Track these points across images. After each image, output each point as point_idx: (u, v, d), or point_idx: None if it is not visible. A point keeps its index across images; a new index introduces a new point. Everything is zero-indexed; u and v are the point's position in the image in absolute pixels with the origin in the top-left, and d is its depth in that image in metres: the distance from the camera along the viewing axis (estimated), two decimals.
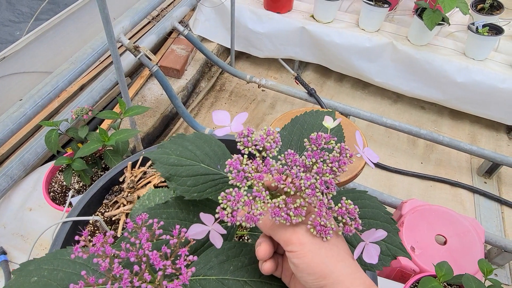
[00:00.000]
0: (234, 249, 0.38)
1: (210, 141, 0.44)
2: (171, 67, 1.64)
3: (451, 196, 1.49)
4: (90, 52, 1.19)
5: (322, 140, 0.36)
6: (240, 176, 0.33)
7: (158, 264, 0.30)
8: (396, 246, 0.42)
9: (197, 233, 0.33)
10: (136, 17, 1.34)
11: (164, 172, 0.41)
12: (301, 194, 0.34)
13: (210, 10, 1.82)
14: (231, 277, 0.36)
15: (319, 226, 0.33)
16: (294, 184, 0.33)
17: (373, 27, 1.69)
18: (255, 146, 0.36)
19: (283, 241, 0.34)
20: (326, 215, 0.33)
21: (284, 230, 0.34)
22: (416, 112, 1.82)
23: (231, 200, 0.32)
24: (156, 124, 1.52)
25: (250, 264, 0.38)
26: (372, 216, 0.44)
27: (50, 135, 0.90)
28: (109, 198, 0.73)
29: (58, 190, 0.97)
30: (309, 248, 0.33)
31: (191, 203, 0.41)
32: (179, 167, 0.41)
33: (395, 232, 0.43)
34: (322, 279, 0.32)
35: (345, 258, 0.33)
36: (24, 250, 1.03)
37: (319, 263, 0.32)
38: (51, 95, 1.08)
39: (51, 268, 0.37)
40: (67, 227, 0.66)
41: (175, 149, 0.42)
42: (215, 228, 0.33)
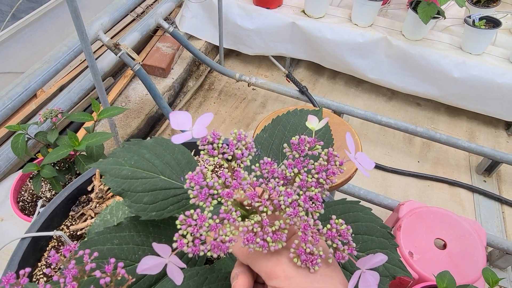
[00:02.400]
0: (196, 278, 0.31)
1: (172, 148, 0.37)
2: (156, 65, 1.57)
3: (449, 196, 1.43)
4: (65, 51, 1.12)
5: (305, 145, 0.29)
6: (203, 194, 0.27)
7: None
8: (395, 264, 0.36)
9: (151, 267, 0.26)
10: (117, 13, 1.27)
11: (115, 187, 0.34)
12: (281, 214, 0.27)
13: (197, 6, 1.75)
14: None
15: (304, 254, 0.26)
16: (271, 201, 0.27)
17: (366, 22, 1.63)
18: (222, 154, 0.29)
19: (265, 274, 0.28)
20: (313, 240, 0.27)
21: (266, 260, 0.28)
22: (412, 109, 1.76)
23: (192, 224, 0.26)
24: (140, 126, 1.45)
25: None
26: (367, 231, 0.38)
27: (17, 140, 0.83)
28: (76, 209, 0.66)
29: (28, 199, 0.90)
30: (297, 283, 0.27)
31: (150, 223, 0.35)
32: (133, 180, 0.34)
33: (393, 249, 0.37)
34: None
35: (337, 284, 0.28)
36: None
37: None
38: (23, 97, 1.01)
39: None
40: (25, 244, 0.59)
41: (129, 158, 0.35)
42: (173, 261, 0.26)
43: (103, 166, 0.35)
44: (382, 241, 0.37)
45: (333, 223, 0.28)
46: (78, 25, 0.83)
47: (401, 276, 0.36)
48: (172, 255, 0.27)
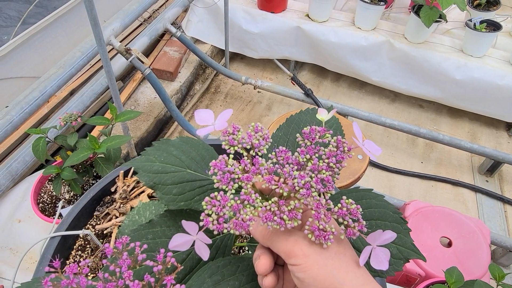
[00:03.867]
0: (229, 266, 0.34)
1: (197, 146, 0.40)
2: (164, 69, 1.60)
3: (453, 195, 1.46)
4: (79, 56, 1.15)
5: (316, 134, 0.32)
6: (226, 178, 0.30)
7: None
8: (408, 248, 0.39)
9: (180, 244, 0.29)
10: (127, 19, 1.30)
11: (147, 181, 0.37)
12: (296, 195, 0.30)
13: (203, 11, 1.78)
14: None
15: (317, 230, 0.29)
16: (287, 184, 0.30)
17: (369, 26, 1.66)
18: (241, 144, 0.32)
19: (284, 254, 0.31)
20: (325, 218, 0.29)
21: (285, 240, 0.31)
22: (415, 110, 1.79)
23: (217, 205, 0.29)
24: (149, 129, 1.48)
25: (248, 283, 0.34)
26: (379, 216, 0.40)
27: (38, 143, 0.86)
28: (100, 209, 0.68)
29: (48, 201, 0.92)
30: (314, 259, 0.29)
31: (179, 219, 0.38)
32: (163, 174, 0.38)
33: (406, 233, 0.39)
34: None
35: (355, 268, 0.30)
36: (14, 264, 0.99)
37: (327, 275, 0.29)
38: (39, 101, 1.04)
39: None
40: (56, 242, 0.62)
41: (159, 156, 0.39)
42: (200, 238, 0.29)
43: (137, 164, 0.38)
44: (395, 225, 0.39)
45: (344, 202, 0.30)
46: (96, 32, 0.86)
47: (414, 258, 0.38)
48: (200, 232, 0.29)
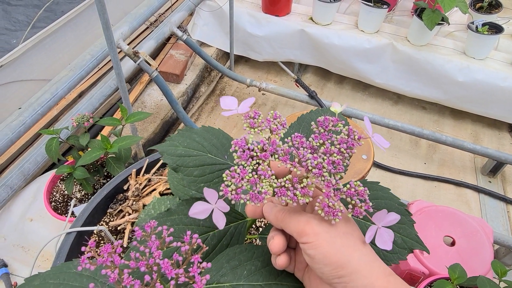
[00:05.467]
0: (245, 253, 0.37)
1: (218, 134, 0.43)
2: (170, 72, 1.63)
3: (456, 196, 1.48)
4: (89, 59, 1.18)
5: (329, 123, 0.35)
6: (245, 155, 0.32)
7: (170, 273, 0.29)
8: (412, 238, 0.41)
9: (200, 212, 0.32)
10: (135, 22, 1.33)
11: (171, 163, 0.40)
12: (308, 175, 0.32)
13: (208, 15, 1.81)
14: (246, 282, 0.35)
15: (327, 207, 0.31)
16: (301, 164, 0.32)
17: (372, 28, 1.68)
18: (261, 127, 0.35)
19: (297, 233, 0.33)
20: (334, 196, 0.31)
21: (297, 221, 0.33)
22: (418, 112, 1.81)
23: (236, 177, 0.31)
24: (156, 130, 1.50)
25: (264, 267, 0.37)
26: (386, 207, 0.42)
27: (51, 143, 0.88)
28: (114, 207, 0.71)
29: (60, 200, 0.95)
30: (324, 238, 0.31)
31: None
32: (186, 157, 0.40)
33: (411, 224, 0.41)
34: (340, 269, 0.31)
35: (362, 247, 0.32)
36: (25, 261, 1.01)
37: (336, 253, 0.31)
38: (51, 103, 1.06)
39: (57, 282, 0.36)
40: (71, 238, 0.64)
41: (183, 141, 0.42)
42: (218, 207, 0.32)
43: (162, 148, 0.41)
44: (400, 218, 0.41)
45: (352, 184, 0.33)
46: (107, 35, 0.89)
47: (418, 249, 0.40)
48: (218, 201, 0.32)
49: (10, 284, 0.90)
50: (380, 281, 0.30)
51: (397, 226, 0.39)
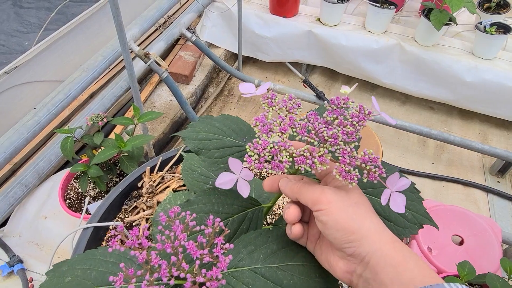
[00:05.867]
0: (261, 237, 0.39)
1: (237, 121, 0.46)
2: (179, 73, 1.65)
3: (464, 196, 1.48)
4: (101, 60, 1.20)
5: (341, 101, 0.37)
6: (266, 128, 0.35)
7: (195, 254, 0.31)
8: (422, 214, 0.42)
9: (225, 182, 0.35)
10: (146, 24, 1.35)
11: (193, 147, 0.42)
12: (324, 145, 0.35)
13: (217, 16, 1.83)
14: (263, 265, 0.37)
15: (344, 172, 0.33)
16: (317, 135, 0.34)
17: (380, 29, 1.69)
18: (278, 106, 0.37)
19: (311, 201, 0.35)
20: (350, 163, 0.34)
21: (312, 190, 0.35)
22: (425, 112, 1.81)
23: (258, 147, 0.33)
24: (166, 130, 1.52)
25: (279, 249, 0.38)
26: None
27: (66, 142, 0.90)
28: (128, 203, 0.72)
29: (74, 197, 0.97)
30: (337, 205, 0.34)
31: (213, 196, 0.42)
32: (207, 141, 0.43)
33: (419, 201, 0.42)
34: (351, 234, 0.33)
35: (371, 216, 0.35)
36: (40, 258, 1.03)
37: (347, 219, 0.33)
38: (64, 103, 1.09)
39: (84, 268, 0.37)
40: (88, 233, 0.66)
41: (203, 127, 0.44)
42: (242, 176, 0.34)
43: (184, 133, 0.44)
44: (408, 194, 0.42)
45: (366, 151, 0.35)
46: (121, 37, 0.91)
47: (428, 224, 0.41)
48: (242, 170, 0.34)
49: (26, 279, 0.92)
50: (387, 246, 0.32)
51: (407, 203, 0.40)
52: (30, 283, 0.91)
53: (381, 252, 0.32)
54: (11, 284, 0.95)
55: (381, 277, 0.32)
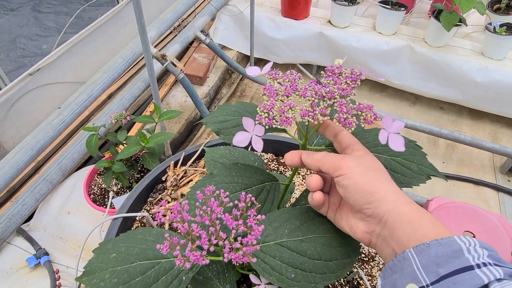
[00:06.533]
0: (284, 215, 0.42)
1: (251, 105, 0.50)
2: (194, 74, 1.70)
3: (475, 194, 1.49)
4: (121, 62, 1.25)
5: (335, 68, 0.41)
6: (272, 93, 0.39)
7: (231, 224, 0.34)
8: (427, 167, 0.45)
9: (241, 139, 0.39)
10: (162, 27, 1.40)
11: (214, 128, 0.47)
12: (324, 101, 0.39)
13: (229, 19, 1.87)
14: (288, 239, 0.40)
15: (342, 120, 0.37)
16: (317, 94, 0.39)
17: (390, 30, 1.72)
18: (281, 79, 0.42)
19: (333, 168, 0.38)
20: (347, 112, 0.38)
21: (333, 158, 0.38)
22: (435, 112, 1.83)
23: (267, 107, 0.38)
24: (181, 130, 1.57)
25: (302, 225, 0.42)
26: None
27: (91, 139, 0.95)
28: (154, 196, 0.76)
29: (98, 193, 1.01)
30: (356, 170, 0.37)
31: (233, 169, 0.46)
32: (225, 122, 0.48)
33: (423, 156, 0.45)
34: (370, 196, 0.35)
35: (388, 181, 0.37)
36: (64, 251, 1.08)
37: (366, 182, 0.36)
38: (87, 103, 1.13)
39: (127, 245, 0.41)
40: (118, 223, 0.70)
41: (222, 112, 0.49)
42: (255, 133, 0.39)
43: (206, 119, 0.49)
44: (412, 150, 0.46)
45: (361, 102, 0.38)
46: (143, 39, 0.95)
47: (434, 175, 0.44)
48: (255, 127, 0.39)
49: (53, 270, 0.96)
50: (403, 206, 0.35)
51: (411, 157, 0.44)
52: (56, 274, 0.96)
53: (397, 211, 0.35)
54: (38, 275, 1.00)
55: (398, 234, 0.34)
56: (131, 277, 0.38)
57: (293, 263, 0.39)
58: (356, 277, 0.67)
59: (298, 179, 0.82)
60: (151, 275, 0.38)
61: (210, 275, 0.44)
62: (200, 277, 0.44)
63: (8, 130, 1.26)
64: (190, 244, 0.33)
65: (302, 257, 0.39)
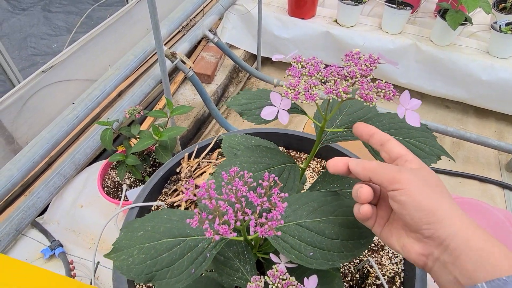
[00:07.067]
0: (303, 198, 0.44)
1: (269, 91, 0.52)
2: (202, 73, 1.72)
3: (480, 191, 1.51)
4: (132, 59, 1.27)
5: (354, 54, 0.44)
6: (298, 73, 0.42)
7: (256, 201, 0.36)
8: (438, 148, 0.47)
9: (268, 113, 0.42)
10: (172, 25, 1.43)
11: (237, 109, 0.50)
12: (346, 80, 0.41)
13: (237, 18, 1.90)
14: (307, 220, 0.42)
15: (364, 95, 0.39)
16: (338, 73, 0.42)
17: (396, 29, 1.73)
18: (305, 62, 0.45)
19: (387, 180, 0.34)
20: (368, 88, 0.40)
21: (388, 169, 0.35)
22: (441, 111, 1.84)
23: (293, 84, 0.41)
24: (190, 127, 1.59)
25: (320, 207, 0.44)
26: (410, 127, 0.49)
27: (106, 133, 0.97)
28: (168, 187, 0.78)
29: (111, 186, 1.04)
30: (415, 185, 0.33)
31: (255, 150, 0.49)
32: (248, 104, 0.51)
33: (433, 139, 0.47)
34: (431, 215, 0.32)
35: (449, 198, 0.34)
36: (77, 243, 1.10)
37: (427, 199, 0.32)
38: (100, 99, 1.16)
39: (153, 224, 0.43)
40: (134, 213, 0.72)
41: (245, 96, 0.52)
42: (282, 107, 0.41)
43: (229, 102, 0.52)
44: (423, 133, 0.48)
45: (380, 81, 0.40)
46: (157, 36, 0.98)
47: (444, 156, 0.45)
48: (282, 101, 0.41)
49: (67, 261, 0.98)
50: (469, 230, 0.31)
51: (423, 139, 0.46)
52: (71, 265, 0.98)
53: (462, 235, 0.31)
54: (52, 266, 1.02)
55: (463, 261, 0.30)
56: (158, 253, 0.40)
57: (312, 242, 0.41)
58: (366, 266, 0.69)
59: (309, 171, 0.84)
60: (177, 251, 0.40)
61: (230, 256, 0.46)
62: (221, 257, 0.46)
63: (21, 127, 1.28)
64: (218, 219, 0.35)
65: (320, 236, 0.41)
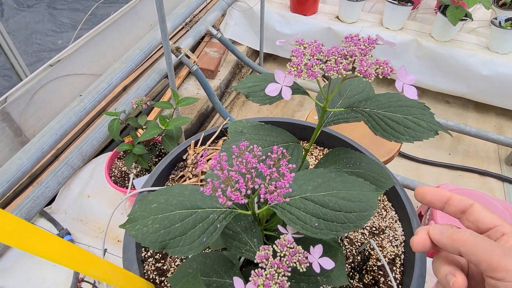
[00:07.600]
0: (307, 175, 0.47)
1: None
2: (205, 68, 1.74)
3: (480, 184, 1.53)
4: (138, 53, 1.30)
5: (353, 36, 0.45)
6: (300, 53, 0.44)
7: (265, 172, 0.38)
8: (435, 124, 0.49)
9: (272, 89, 0.44)
10: (177, 21, 1.45)
11: (244, 92, 0.52)
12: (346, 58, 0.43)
13: (239, 15, 1.92)
14: (312, 194, 0.45)
15: (363, 72, 0.41)
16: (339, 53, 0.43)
17: (397, 26, 1.76)
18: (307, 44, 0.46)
19: (488, 265, 0.28)
20: (366, 65, 0.41)
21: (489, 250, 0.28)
22: (441, 106, 1.86)
23: (296, 63, 0.42)
24: (193, 121, 1.61)
25: (324, 183, 0.46)
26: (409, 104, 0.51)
27: (113, 124, 1.00)
28: (175, 173, 0.81)
29: (118, 175, 1.06)
30: None
31: (261, 129, 0.52)
32: (254, 87, 0.53)
33: (431, 115, 0.49)
34: None
35: None
36: (84, 232, 1.12)
37: None
38: (106, 91, 1.18)
39: (166, 197, 0.46)
40: None
41: (251, 79, 0.54)
42: (285, 83, 0.43)
43: (237, 86, 0.54)
44: (421, 111, 0.49)
45: (378, 59, 0.42)
46: (163, 29, 1.00)
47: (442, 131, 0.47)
48: (285, 79, 0.43)
49: None
50: None
51: (421, 116, 0.48)
52: None
53: None
54: None
55: None
56: (171, 223, 0.43)
57: (317, 213, 0.43)
58: (367, 248, 0.71)
59: (311, 159, 0.86)
60: (189, 222, 0.43)
61: (239, 230, 0.49)
62: (230, 231, 0.49)
63: (29, 119, 1.31)
64: (230, 188, 0.38)
65: (324, 208, 0.43)
